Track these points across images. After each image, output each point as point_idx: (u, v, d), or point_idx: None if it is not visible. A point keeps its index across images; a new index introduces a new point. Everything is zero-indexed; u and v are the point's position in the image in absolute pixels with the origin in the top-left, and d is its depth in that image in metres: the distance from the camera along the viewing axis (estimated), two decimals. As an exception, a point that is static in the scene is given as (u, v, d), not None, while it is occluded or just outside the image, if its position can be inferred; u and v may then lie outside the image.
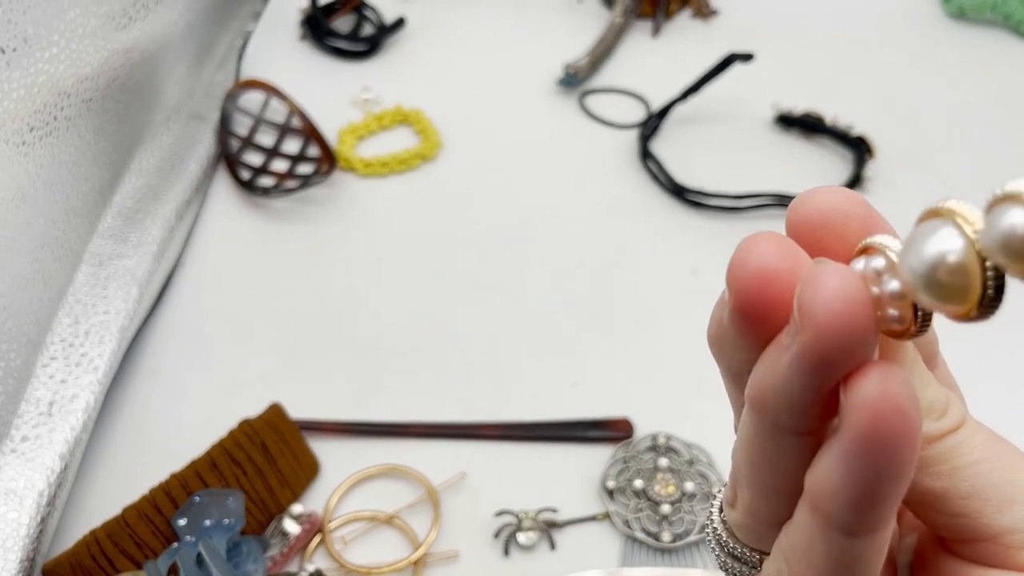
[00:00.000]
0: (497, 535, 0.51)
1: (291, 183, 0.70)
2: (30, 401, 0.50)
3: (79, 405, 0.51)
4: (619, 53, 0.85)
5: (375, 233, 0.68)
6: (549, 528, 0.51)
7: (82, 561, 0.46)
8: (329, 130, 0.74)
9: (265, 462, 0.50)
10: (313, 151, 0.73)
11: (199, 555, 0.41)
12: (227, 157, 0.72)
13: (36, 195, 0.50)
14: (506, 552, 0.51)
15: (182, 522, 0.47)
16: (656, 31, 0.87)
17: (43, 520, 0.48)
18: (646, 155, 0.74)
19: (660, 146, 0.76)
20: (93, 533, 0.47)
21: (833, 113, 0.77)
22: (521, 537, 0.51)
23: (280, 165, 0.72)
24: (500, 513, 0.52)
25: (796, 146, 0.77)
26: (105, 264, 0.58)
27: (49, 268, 0.53)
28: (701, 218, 0.70)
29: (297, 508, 0.51)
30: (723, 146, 0.77)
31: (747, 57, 0.72)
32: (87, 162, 0.57)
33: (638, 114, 0.79)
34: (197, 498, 0.47)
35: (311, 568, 0.46)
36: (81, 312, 0.55)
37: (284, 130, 0.74)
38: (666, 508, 0.52)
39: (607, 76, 0.83)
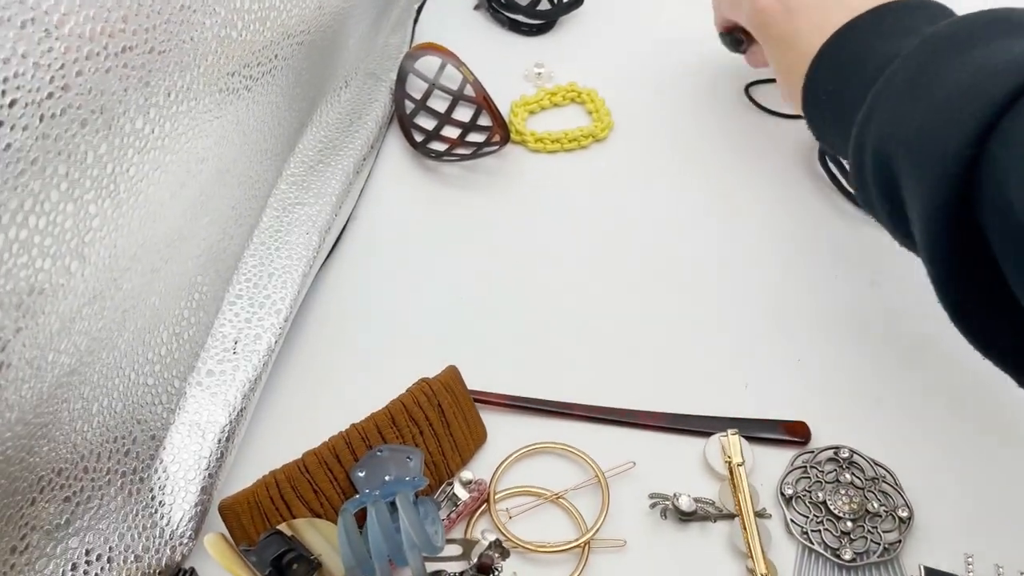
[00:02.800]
0: (653, 506, 0.49)
1: (463, 150, 0.69)
2: (217, 336, 0.51)
3: (262, 346, 0.51)
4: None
5: (542, 208, 0.67)
6: (709, 516, 0.49)
7: (260, 501, 0.46)
8: (500, 101, 0.73)
9: (440, 424, 0.50)
10: (484, 121, 0.72)
11: (392, 504, 0.40)
12: (401, 118, 0.72)
13: (247, 132, 0.50)
14: (663, 515, 0.49)
15: (361, 474, 0.46)
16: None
17: (222, 455, 0.48)
18: (826, 155, 0.71)
19: (840, 149, 0.72)
20: (273, 474, 0.47)
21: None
22: (683, 500, 0.49)
23: (451, 131, 0.72)
24: (653, 496, 0.50)
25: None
26: (288, 210, 0.58)
27: (242, 208, 0.54)
28: (881, 228, 0.67)
29: (467, 474, 0.50)
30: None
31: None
32: (285, 107, 0.57)
33: (817, 114, 0.76)
34: (379, 452, 0.47)
35: (491, 537, 0.45)
36: (265, 255, 0.55)
37: (457, 97, 0.74)
38: (847, 524, 0.49)
39: (784, 73, 0.79)
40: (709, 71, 0.79)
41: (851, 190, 0.68)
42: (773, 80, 0.78)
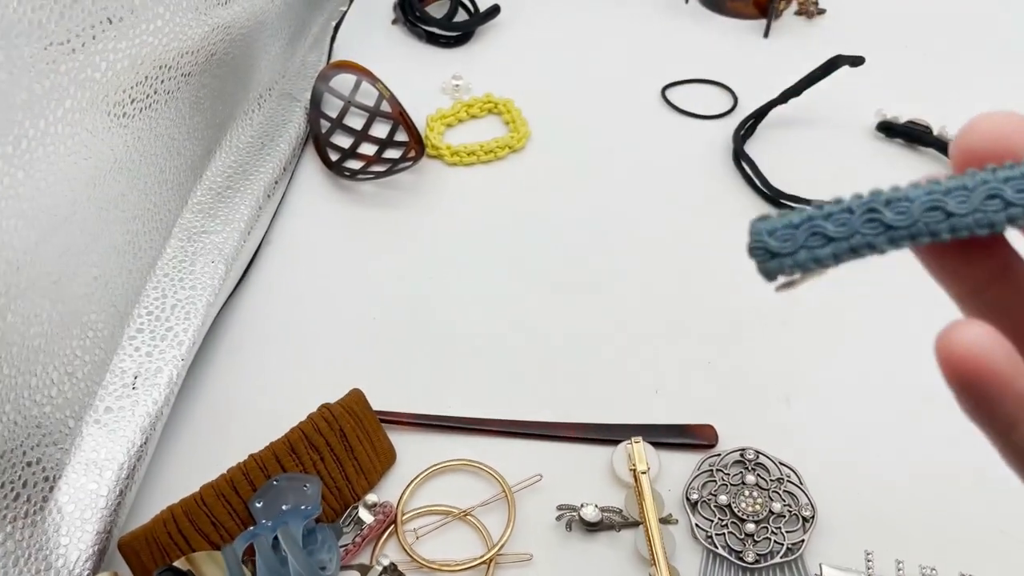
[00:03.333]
0: (560, 518, 0.50)
1: (378, 167, 0.70)
2: (115, 372, 0.51)
3: (163, 379, 0.51)
4: (718, 47, 0.83)
5: (460, 222, 0.67)
6: (614, 525, 0.50)
7: (158, 537, 0.46)
8: (418, 116, 0.73)
9: (343, 449, 0.50)
10: (401, 136, 0.72)
11: (275, 540, 0.40)
12: (316, 138, 0.72)
13: (132, 167, 0.50)
14: (568, 527, 0.49)
15: (259, 505, 0.47)
16: (767, 32, 0.84)
17: (122, 493, 0.48)
18: (740, 156, 0.71)
19: (755, 148, 0.73)
20: (170, 509, 0.47)
21: (941, 124, 0.73)
22: (588, 510, 0.49)
23: (368, 148, 0.72)
24: (561, 507, 0.50)
25: (899, 156, 0.74)
26: (193, 239, 0.58)
27: (140, 240, 0.54)
28: (796, 225, 0.67)
29: (372, 498, 0.50)
30: (821, 152, 0.74)
31: (857, 60, 0.69)
32: (182, 136, 0.57)
33: (726, 107, 0.76)
34: (275, 482, 0.47)
35: (386, 561, 0.45)
36: (168, 286, 0.55)
37: (374, 114, 0.74)
38: (751, 526, 0.49)
39: (700, 69, 0.80)
40: (625, 76, 0.80)
41: (764, 189, 0.69)
42: (690, 81, 0.78)
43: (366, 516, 0.49)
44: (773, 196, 0.68)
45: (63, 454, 0.46)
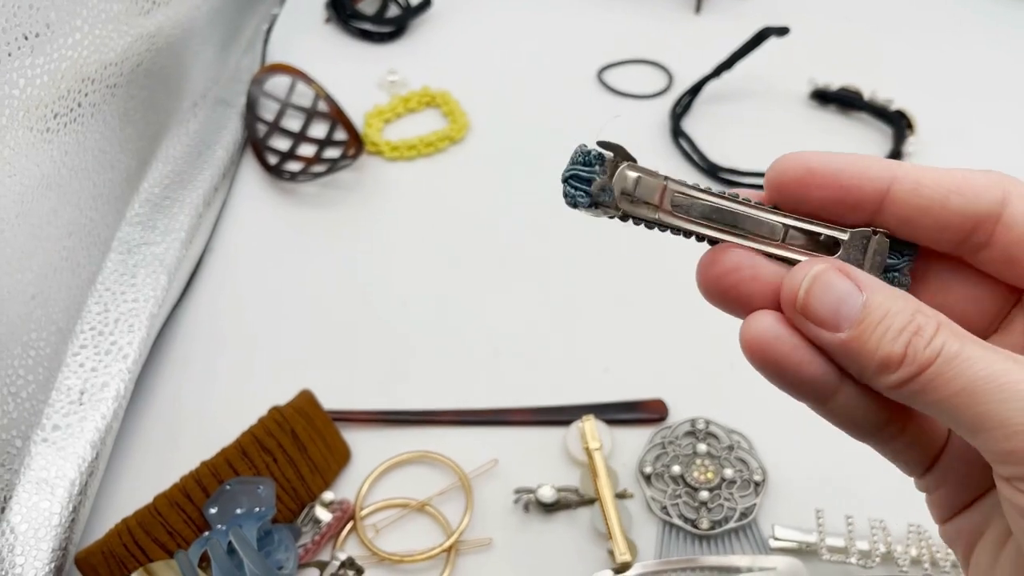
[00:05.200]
0: (517, 500, 0.50)
1: (318, 167, 0.69)
2: (61, 390, 0.50)
3: (110, 393, 0.51)
4: (651, 27, 0.84)
5: (403, 217, 0.68)
6: (571, 504, 0.50)
7: (114, 550, 0.46)
8: (356, 113, 0.73)
9: (295, 450, 0.50)
10: (340, 135, 0.72)
11: (230, 544, 0.40)
12: (254, 142, 0.72)
13: (62, 182, 0.49)
14: (526, 509, 0.50)
15: (213, 511, 0.47)
16: (698, 8, 0.85)
17: (75, 509, 0.48)
18: (678, 133, 0.72)
19: (692, 124, 0.74)
20: (125, 522, 0.47)
21: (871, 88, 0.75)
22: (545, 491, 0.50)
23: (307, 150, 0.72)
24: (518, 491, 0.51)
25: (833, 122, 0.75)
26: (133, 252, 0.58)
27: (78, 256, 0.53)
28: (736, 197, 0.69)
29: (328, 496, 0.50)
30: (757, 123, 0.75)
31: (782, 31, 0.70)
32: (113, 149, 0.56)
33: (661, 86, 0.77)
34: (228, 486, 0.47)
35: (343, 556, 0.45)
36: (110, 300, 0.55)
37: (311, 114, 0.74)
38: (704, 494, 0.50)
39: (634, 50, 0.81)
40: (560, 60, 0.80)
41: (701, 164, 0.70)
42: (625, 62, 0.79)
43: (323, 514, 0.50)
44: (711, 170, 0.69)
45: (12, 475, 0.46)
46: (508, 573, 0.49)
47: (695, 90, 0.75)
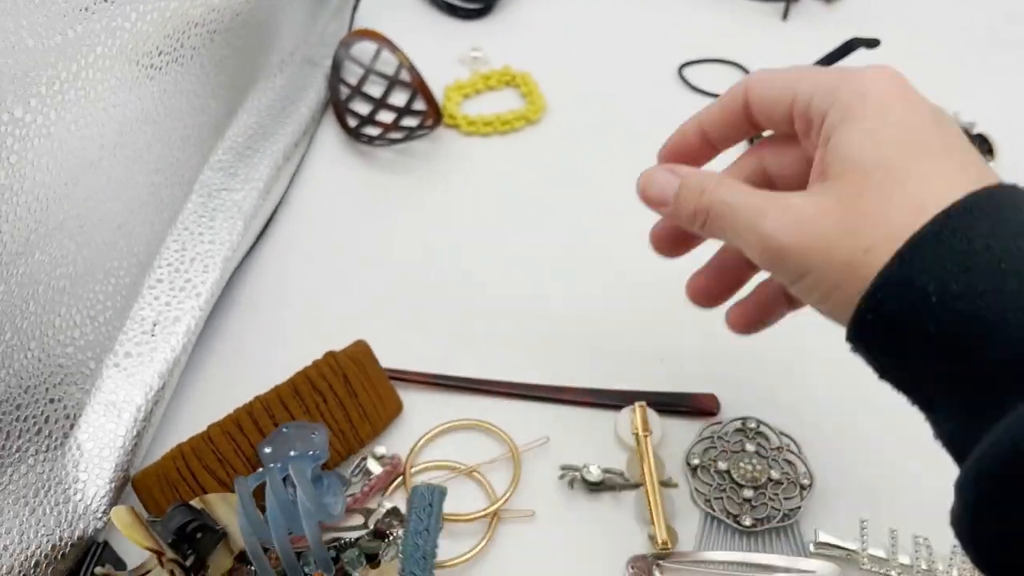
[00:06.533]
0: (563, 477, 0.51)
1: (395, 134, 0.71)
2: (135, 319, 0.52)
3: (181, 328, 0.53)
4: (736, 29, 0.83)
5: (474, 191, 0.68)
6: (616, 486, 0.51)
7: (168, 474, 0.48)
8: (435, 86, 0.74)
9: (347, 394, 0.51)
10: (419, 105, 0.73)
11: (286, 478, 0.42)
12: (335, 104, 0.73)
13: (158, 120, 0.51)
14: (571, 486, 0.51)
15: (267, 450, 0.48)
16: (786, 14, 0.85)
17: (139, 434, 0.49)
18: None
19: (770, 128, 0.73)
20: (179, 448, 0.48)
21: (954, 110, 0.74)
22: (591, 470, 0.50)
23: (386, 116, 0.73)
24: (564, 467, 0.52)
25: (913, 140, 0.74)
26: (213, 196, 0.60)
27: (162, 194, 0.55)
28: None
29: (380, 449, 0.51)
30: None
31: (872, 43, 0.69)
32: (205, 94, 0.58)
33: (749, 94, 0.77)
34: (284, 429, 0.48)
35: (389, 505, 0.46)
36: (188, 240, 0.57)
37: (392, 82, 0.75)
38: (749, 492, 0.50)
39: (717, 50, 0.81)
40: (643, 52, 0.80)
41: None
42: (707, 61, 0.79)
43: (374, 467, 0.51)
44: (785, 175, 0.68)
45: (84, 394, 0.48)
46: (547, 546, 0.49)
47: (776, 95, 0.74)
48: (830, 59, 0.72)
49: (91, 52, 0.40)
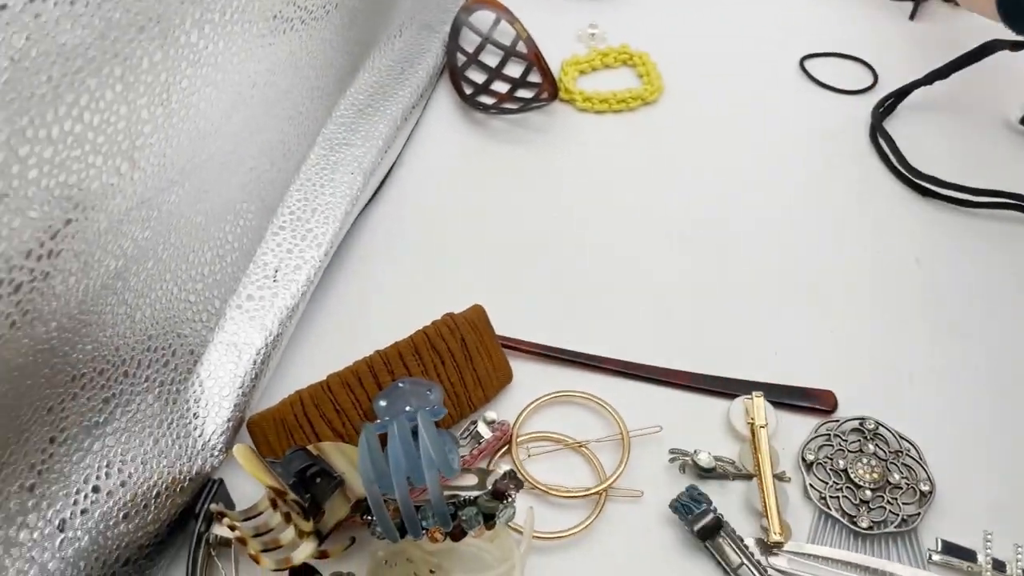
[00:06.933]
0: (673, 460, 0.50)
1: (511, 104, 0.70)
2: (258, 264, 0.52)
3: (302, 276, 0.53)
4: (861, 24, 0.81)
5: (587, 166, 0.67)
6: (727, 475, 0.50)
7: (285, 418, 0.48)
8: (552, 60, 0.73)
9: (463, 357, 0.51)
10: (534, 78, 0.72)
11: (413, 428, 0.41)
12: (452, 70, 0.73)
13: (297, 68, 0.51)
14: (682, 470, 0.50)
15: (383, 403, 0.48)
16: (913, 14, 0.82)
17: (256, 376, 0.49)
18: (878, 132, 0.70)
19: (893, 127, 0.71)
20: (298, 394, 0.48)
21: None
22: (703, 456, 0.49)
23: (500, 86, 0.72)
24: (673, 451, 0.50)
25: (1042, 152, 0.72)
26: (336, 149, 0.60)
27: (290, 142, 0.55)
28: (929, 207, 0.66)
29: (491, 414, 0.51)
30: (959, 138, 0.72)
31: (1018, 45, 0.67)
32: (336, 48, 0.58)
33: (865, 84, 0.75)
34: (401, 384, 0.48)
35: (506, 467, 0.45)
36: (311, 190, 0.57)
37: (509, 53, 0.74)
38: (867, 493, 0.49)
39: (841, 44, 0.78)
40: (765, 41, 0.79)
41: (900, 167, 0.67)
42: (830, 55, 0.77)
43: (484, 431, 0.50)
44: (911, 175, 0.66)
45: (208, 332, 0.48)
46: (654, 527, 0.48)
47: (902, 93, 0.72)
48: (967, 60, 0.69)
49: (258, -13, 0.40)
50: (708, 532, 0.46)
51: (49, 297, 0.31)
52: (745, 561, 0.46)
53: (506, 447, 0.51)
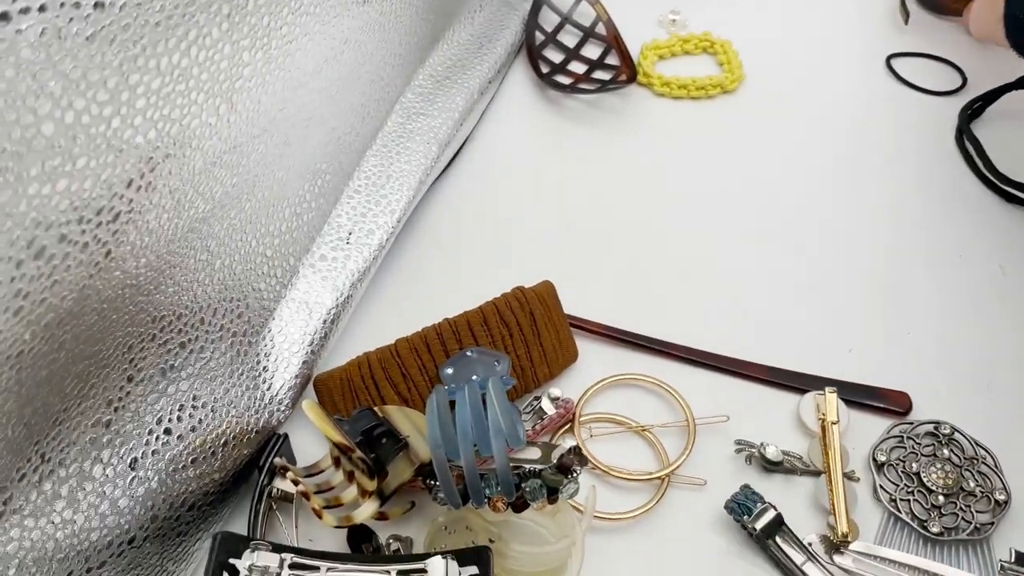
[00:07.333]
0: (739, 451, 0.49)
1: (587, 85, 0.69)
2: (332, 225, 0.52)
3: (375, 240, 0.53)
4: (950, 25, 0.79)
5: (662, 152, 0.66)
6: (795, 469, 0.49)
7: (352, 378, 0.48)
8: (631, 43, 0.72)
9: (531, 332, 0.50)
10: (612, 60, 0.72)
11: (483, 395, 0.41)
12: (530, 48, 0.72)
13: (384, 30, 0.51)
14: (748, 462, 0.49)
15: (449, 371, 0.47)
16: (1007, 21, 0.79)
17: (326, 335, 0.49)
18: (964, 134, 0.68)
19: (980, 131, 0.69)
20: (366, 356, 0.48)
21: None
22: (771, 449, 0.48)
23: (577, 67, 0.72)
24: (740, 442, 0.49)
25: None
26: (412, 119, 0.59)
27: (369, 107, 0.55)
28: (1015, 214, 0.64)
29: (555, 391, 0.50)
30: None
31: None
32: (417, 17, 0.57)
33: (953, 86, 0.73)
34: (469, 353, 0.47)
35: (571, 442, 0.45)
36: (386, 156, 0.56)
37: (588, 34, 0.73)
38: (940, 499, 0.47)
39: (929, 44, 0.76)
40: (851, 37, 0.77)
41: (987, 172, 0.65)
42: (918, 55, 0.75)
43: (548, 407, 0.50)
44: (997, 180, 0.64)
45: (281, 288, 0.48)
46: (715, 517, 0.47)
47: (992, 96, 0.70)
48: (1062, 64, 0.67)
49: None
50: (770, 530, 0.45)
51: (143, 231, 0.31)
52: (809, 559, 0.45)
53: (568, 425, 0.50)
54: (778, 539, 0.45)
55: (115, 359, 0.36)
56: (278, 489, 0.44)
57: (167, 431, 0.39)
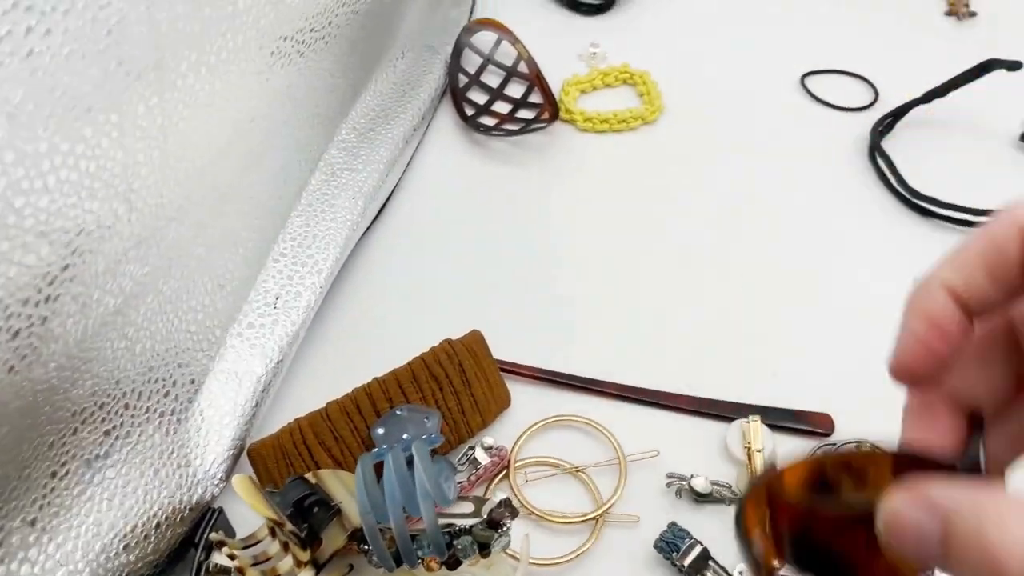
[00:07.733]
0: (669, 485, 0.50)
1: (511, 126, 0.71)
2: (259, 291, 0.53)
3: (302, 303, 0.53)
4: (862, 41, 0.81)
5: (587, 187, 0.68)
6: (724, 499, 0.50)
7: (284, 445, 0.48)
8: (553, 79, 0.74)
9: (461, 383, 0.51)
10: (535, 98, 0.73)
11: (409, 457, 0.42)
12: (454, 91, 0.73)
13: (295, 99, 0.52)
14: (678, 495, 0.50)
15: (380, 431, 0.48)
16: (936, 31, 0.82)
17: (257, 404, 0.50)
18: (876, 151, 0.70)
19: (892, 146, 0.71)
20: (297, 422, 0.49)
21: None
22: (699, 481, 0.50)
23: (502, 107, 0.73)
24: (671, 476, 0.51)
25: (1043, 168, 0.71)
26: (336, 175, 0.60)
27: (291, 168, 0.56)
28: (927, 227, 0.66)
29: (489, 440, 0.51)
30: (959, 157, 0.72)
31: (1015, 65, 0.67)
32: (337, 73, 0.58)
33: (865, 102, 0.75)
34: (399, 411, 0.48)
35: (502, 495, 0.46)
36: (311, 216, 0.57)
37: (510, 73, 0.75)
38: (863, 518, 0.49)
39: (840, 61, 0.79)
40: (766, 59, 0.79)
41: (899, 187, 0.67)
42: (830, 72, 0.77)
43: (482, 457, 0.51)
44: (908, 195, 0.66)
45: (208, 361, 0.49)
46: (649, 554, 0.49)
47: (901, 112, 0.72)
48: (964, 79, 0.69)
49: (255, 24, 0.40)
50: (698, 564, 0.47)
51: (48, 340, 0.32)
52: (740, 588, 0.46)
53: (504, 472, 0.52)
54: (708, 573, 0.47)
55: (36, 459, 0.36)
56: (216, 564, 0.45)
57: (97, 521, 0.40)
